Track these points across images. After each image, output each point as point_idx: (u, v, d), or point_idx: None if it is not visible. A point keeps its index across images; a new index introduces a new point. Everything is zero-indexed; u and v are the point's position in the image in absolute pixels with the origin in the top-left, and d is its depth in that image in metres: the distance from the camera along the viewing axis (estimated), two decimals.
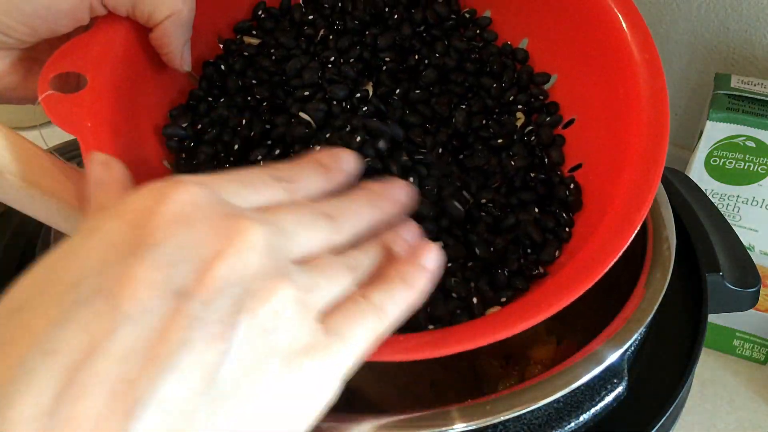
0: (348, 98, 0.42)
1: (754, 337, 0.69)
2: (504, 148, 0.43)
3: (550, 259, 0.39)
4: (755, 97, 0.60)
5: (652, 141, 0.39)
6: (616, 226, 0.37)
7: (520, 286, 0.38)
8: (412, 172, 0.40)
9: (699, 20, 0.73)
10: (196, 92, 0.44)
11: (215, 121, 0.42)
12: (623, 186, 0.38)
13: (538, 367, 0.55)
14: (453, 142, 0.43)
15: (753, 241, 0.64)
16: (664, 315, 0.43)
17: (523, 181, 0.42)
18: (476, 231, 0.40)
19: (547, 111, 0.45)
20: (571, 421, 0.37)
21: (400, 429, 0.34)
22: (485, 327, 0.34)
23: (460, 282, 0.38)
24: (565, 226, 0.40)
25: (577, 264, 0.37)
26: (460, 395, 0.53)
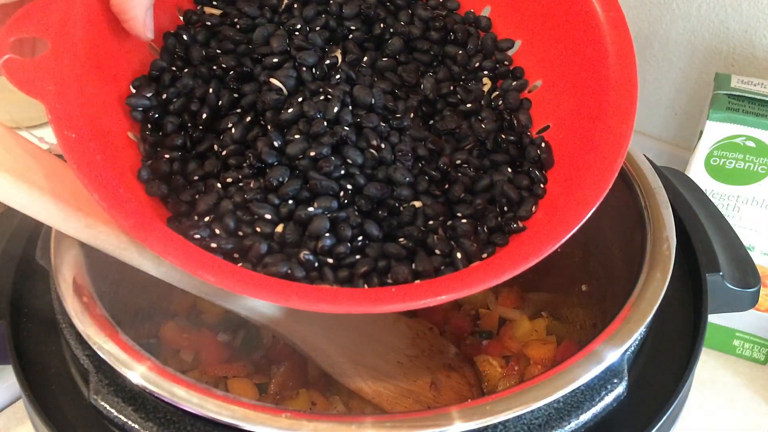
0: (317, 65, 0.42)
1: (754, 337, 0.69)
2: (473, 113, 0.45)
3: (527, 215, 0.40)
4: (755, 97, 0.60)
5: (622, 96, 0.40)
6: (593, 178, 0.38)
7: (500, 241, 0.39)
8: (386, 141, 0.41)
9: (699, 20, 0.73)
10: (158, 63, 0.43)
11: (180, 92, 0.42)
12: (595, 141, 0.40)
13: (538, 367, 0.55)
14: (423, 108, 0.44)
15: (753, 241, 0.64)
16: (664, 315, 0.43)
17: (494, 143, 0.43)
18: (454, 191, 0.41)
19: (513, 76, 0.46)
20: (571, 421, 0.37)
21: (400, 429, 0.34)
22: (474, 274, 0.36)
23: (443, 239, 0.39)
24: (539, 183, 0.42)
25: (557, 215, 0.38)
26: (460, 395, 0.53)
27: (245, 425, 0.34)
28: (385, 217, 0.40)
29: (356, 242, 0.38)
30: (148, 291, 0.53)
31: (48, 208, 0.37)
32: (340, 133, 0.39)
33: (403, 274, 0.37)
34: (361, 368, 0.49)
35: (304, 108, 0.40)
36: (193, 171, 0.40)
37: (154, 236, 0.34)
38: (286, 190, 0.38)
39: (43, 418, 0.38)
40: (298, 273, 0.36)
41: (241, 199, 0.38)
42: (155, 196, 0.39)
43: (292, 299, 0.34)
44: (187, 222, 0.38)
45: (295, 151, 0.39)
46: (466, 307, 0.62)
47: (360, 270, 0.37)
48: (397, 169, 0.40)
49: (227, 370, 0.55)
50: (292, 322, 0.48)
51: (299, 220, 0.38)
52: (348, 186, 0.39)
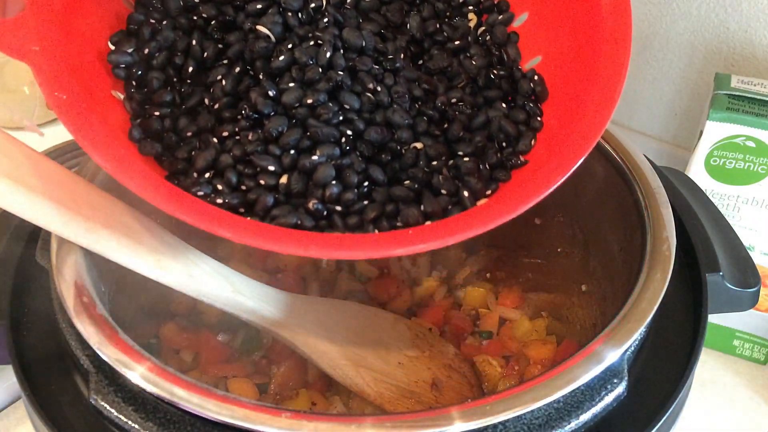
0: (302, 9, 0.41)
1: (754, 337, 0.69)
2: (461, 50, 0.44)
3: (526, 149, 0.40)
4: (755, 97, 0.60)
5: (616, 20, 0.40)
6: (593, 109, 0.37)
7: (503, 177, 0.39)
8: (381, 83, 0.40)
9: (699, 20, 0.73)
10: (135, 16, 0.42)
11: (162, 45, 0.41)
12: (592, 71, 0.39)
13: (538, 367, 0.55)
14: (410, 48, 0.44)
15: (753, 241, 0.64)
16: (664, 315, 0.43)
17: (486, 79, 0.43)
18: (453, 130, 0.41)
19: (498, 9, 0.46)
20: (571, 421, 0.37)
21: (400, 429, 0.34)
22: (486, 212, 0.36)
23: (448, 178, 0.39)
24: (536, 116, 0.41)
25: (559, 148, 0.38)
26: (460, 395, 0.53)
27: (245, 425, 0.34)
28: (388, 160, 0.39)
29: (362, 188, 0.38)
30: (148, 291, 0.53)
31: (47, 212, 0.37)
32: (335, 78, 0.39)
33: (414, 215, 0.37)
34: (363, 370, 0.49)
35: (295, 55, 0.39)
36: (186, 127, 0.39)
37: (162, 195, 0.34)
38: (287, 140, 0.37)
39: (43, 418, 0.38)
40: (307, 223, 0.36)
41: (241, 152, 0.38)
42: (149, 155, 0.38)
43: (311, 248, 0.33)
44: (186, 179, 0.37)
45: (291, 100, 0.38)
46: (466, 307, 0.62)
47: (370, 215, 0.37)
48: (395, 111, 0.40)
49: (227, 370, 0.54)
50: (293, 325, 0.48)
51: (303, 169, 0.37)
52: (348, 132, 0.38)
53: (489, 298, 0.61)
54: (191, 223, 0.33)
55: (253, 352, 0.56)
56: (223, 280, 0.44)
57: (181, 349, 0.56)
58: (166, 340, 0.55)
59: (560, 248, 0.58)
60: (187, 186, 0.37)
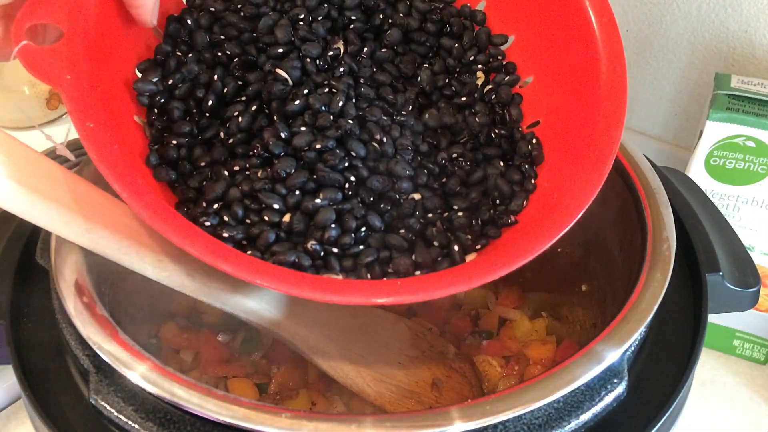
0: (321, 56, 0.43)
1: (754, 337, 0.69)
2: (467, 106, 0.46)
3: (518, 209, 0.42)
4: (755, 97, 0.60)
5: (612, 99, 0.41)
6: (583, 180, 0.39)
7: (493, 234, 0.41)
8: (388, 134, 0.42)
9: (699, 20, 0.73)
10: (162, 47, 0.44)
11: (186, 77, 0.43)
12: (586, 142, 0.41)
13: (538, 367, 0.55)
14: (419, 100, 0.45)
15: (753, 241, 0.64)
16: (664, 315, 0.43)
17: (487, 137, 0.45)
18: (451, 184, 0.42)
19: (506, 71, 0.47)
20: (571, 421, 0.37)
21: (400, 429, 0.34)
22: (475, 270, 0.38)
23: (441, 231, 0.40)
24: (530, 178, 0.43)
25: (549, 213, 0.39)
26: (460, 395, 0.53)
27: (245, 425, 0.34)
28: (387, 209, 0.41)
29: (359, 233, 0.39)
30: (148, 291, 0.53)
31: (48, 213, 0.37)
32: (345, 126, 0.40)
33: (405, 265, 0.38)
34: (363, 370, 0.49)
35: (309, 101, 0.41)
36: (200, 157, 0.41)
37: (172, 227, 0.35)
38: (294, 182, 0.39)
39: (43, 418, 0.38)
40: (305, 262, 0.37)
41: (249, 188, 0.39)
42: (163, 181, 0.40)
43: (306, 290, 0.35)
44: (195, 209, 0.39)
45: (301, 143, 0.40)
46: (466, 307, 0.62)
47: (364, 260, 0.38)
48: (398, 163, 0.41)
49: (227, 370, 0.55)
50: (293, 324, 0.48)
51: (306, 210, 0.39)
52: (351, 178, 0.40)
53: (489, 298, 0.61)
54: (196, 256, 0.34)
55: (253, 352, 0.56)
56: (222, 280, 0.44)
57: (181, 349, 0.56)
58: (166, 340, 0.55)
59: (560, 248, 0.58)
60: (195, 215, 0.38)
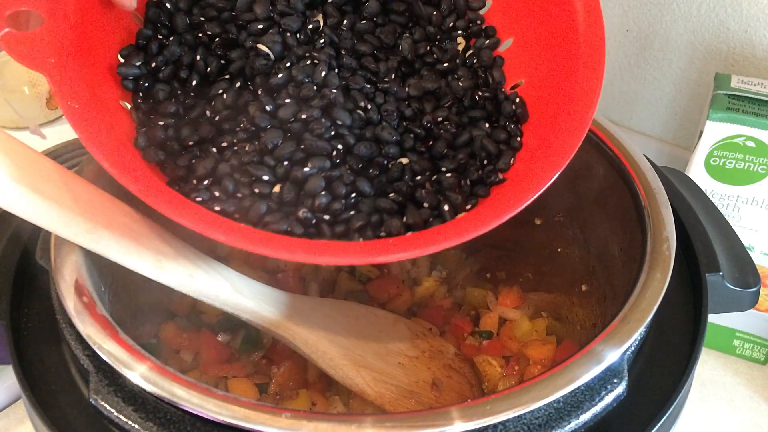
0: (301, 29, 0.44)
1: (754, 337, 0.69)
2: (449, 72, 0.46)
3: (506, 167, 0.42)
4: (755, 97, 0.60)
5: (591, 50, 0.42)
6: (568, 131, 0.40)
7: (482, 193, 0.41)
8: (372, 102, 0.42)
9: (699, 20, 0.73)
10: (144, 32, 0.44)
11: (169, 59, 0.43)
12: (568, 95, 0.41)
13: (538, 367, 0.55)
14: (402, 69, 0.46)
15: (753, 241, 0.64)
16: (664, 315, 0.43)
17: (471, 100, 0.45)
18: (438, 147, 0.43)
19: (486, 34, 0.48)
20: (571, 421, 0.37)
21: (400, 429, 0.34)
22: (462, 225, 0.38)
23: (430, 192, 0.41)
24: (516, 137, 0.43)
25: (535, 167, 0.40)
26: (460, 395, 0.53)
27: (245, 425, 0.34)
28: (376, 174, 0.41)
29: (350, 199, 0.40)
30: (148, 291, 0.53)
31: (48, 213, 0.37)
32: (329, 95, 0.41)
33: (396, 226, 0.39)
34: (363, 370, 0.49)
35: (292, 72, 0.42)
36: (188, 136, 0.41)
37: (163, 199, 0.35)
38: (281, 152, 0.40)
39: (43, 418, 0.38)
40: (297, 230, 0.38)
41: (238, 162, 0.40)
42: (152, 162, 0.40)
43: (298, 253, 0.35)
44: (186, 186, 0.39)
45: (287, 115, 0.40)
46: (466, 307, 0.62)
47: (355, 224, 0.39)
48: (384, 128, 0.42)
49: (227, 370, 0.55)
50: (293, 325, 0.48)
51: (295, 180, 0.39)
52: (339, 146, 0.41)
53: (489, 298, 0.61)
54: (188, 226, 0.34)
55: (253, 352, 0.56)
56: (223, 280, 0.44)
57: (181, 349, 0.56)
58: (166, 340, 0.55)
59: (560, 248, 0.58)
60: (186, 192, 0.39)
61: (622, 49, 0.80)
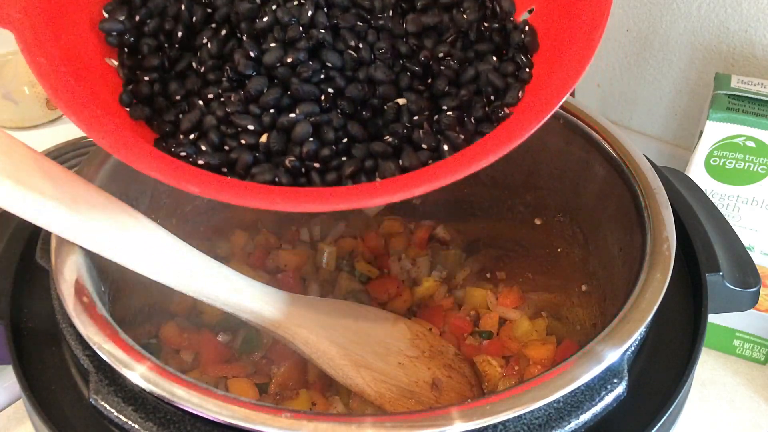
0: None
1: (754, 337, 0.69)
2: (454, 5, 0.43)
3: (514, 102, 0.39)
4: (755, 97, 0.60)
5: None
6: (574, 55, 0.37)
7: (488, 130, 0.38)
8: (364, 40, 0.40)
9: (699, 20, 0.73)
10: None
11: (153, 12, 0.42)
12: (576, 18, 0.39)
13: (538, 367, 0.55)
14: (401, 6, 0.43)
15: (753, 241, 0.64)
16: (664, 315, 0.43)
17: (477, 33, 0.42)
18: (438, 85, 0.40)
19: None
20: (571, 421, 0.37)
21: (400, 429, 0.34)
22: (456, 160, 0.35)
23: (429, 133, 0.38)
24: (525, 68, 0.41)
25: (541, 96, 0.37)
26: (460, 395, 0.53)
27: (245, 425, 0.34)
28: (369, 117, 0.39)
29: (341, 144, 0.38)
30: (148, 291, 0.53)
31: (47, 213, 0.37)
32: (316, 36, 0.39)
33: (390, 170, 0.37)
34: (363, 370, 0.49)
35: (277, 14, 0.40)
36: (175, 91, 0.40)
37: (134, 153, 0.34)
38: (267, 99, 0.38)
39: (43, 418, 0.38)
40: (284, 179, 0.36)
41: (223, 113, 0.38)
42: (139, 119, 0.39)
43: (277, 201, 0.34)
44: (172, 141, 0.38)
45: (271, 60, 0.38)
46: (466, 307, 0.62)
47: (347, 171, 0.37)
48: (377, 68, 0.40)
49: (227, 370, 0.54)
50: (293, 325, 0.48)
51: (282, 127, 0.37)
52: (329, 90, 0.38)
53: (489, 298, 0.61)
54: (159, 178, 0.33)
55: (253, 352, 0.56)
56: (223, 280, 0.44)
57: (181, 349, 0.56)
58: (166, 340, 0.55)
59: (560, 248, 0.58)
60: (172, 146, 0.37)
61: (622, 49, 0.80)
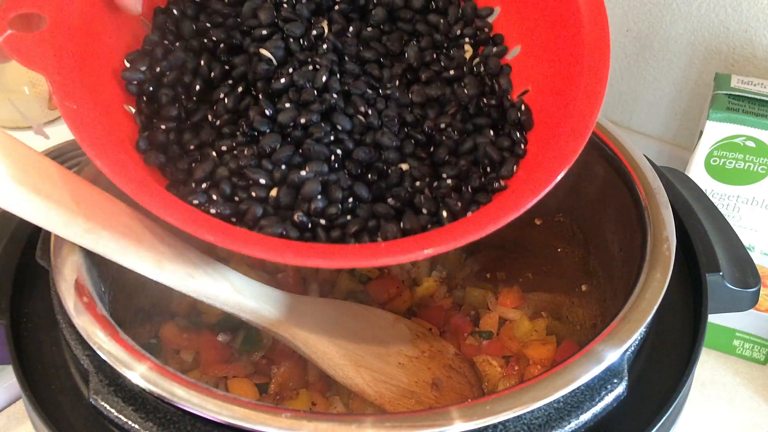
0: (304, 36, 0.44)
1: (754, 337, 0.69)
2: (455, 80, 0.46)
3: (509, 175, 0.42)
4: (755, 97, 0.60)
5: (595, 57, 0.42)
6: (569, 137, 0.39)
7: (484, 200, 0.41)
8: (373, 107, 0.42)
9: (699, 20, 0.73)
10: (150, 37, 0.44)
11: (173, 64, 0.43)
12: (571, 102, 0.41)
13: (538, 367, 0.55)
14: (407, 76, 0.46)
15: (753, 241, 0.64)
16: (664, 315, 0.43)
17: (476, 107, 0.45)
18: (439, 154, 0.43)
19: (493, 42, 0.48)
20: (571, 421, 0.37)
21: (400, 429, 0.34)
22: (456, 229, 0.38)
23: (429, 198, 0.41)
24: (520, 144, 0.43)
25: (535, 173, 0.39)
26: (460, 395, 0.53)
27: (245, 425, 0.34)
28: (375, 179, 0.41)
29: (347, 204, 0.40)
30: (148, 291, 0.53)
31: (48, 213, 0.37)
32: (329, 100, 0.41)
33: (392, 231, 0.39)
34: (363, 370, 0.49)
35: (294, 77, 0.42)
36: (189, 140, 0.42)
37: (156, 200, 0.35)
38: (279, 156, 0.40)
39: (43, 418, 0.38)
40: (292, 234, 0.38)
41: (236, 166, 0.40)
42: (153, 166, 0.40)
43: (288, 255, 0.35)
44: (184, 189, 0.39)
45: (286, 119, 0.40)
46: (466, 307, 0.62)
47: (351, 229, 0.38)
48: (384, 134, 0.42)
49: (227, 370, 0.55)
50: (293, 325, 0.48)
51: (292, 183, 0.39)
52: (338, 151, 0.40)
53: (489, 298, 0.61)
54: (177, 225, 0.34)
55: (253, 352, 0.56)
56: (223, 280, 0.44)
57: (181, 349, 0.56)
58: (166, 340, 0.55)
59: (560, 248, 0.58)
60: (184, 194, 0.39)
61: (622, 49, 0.80)
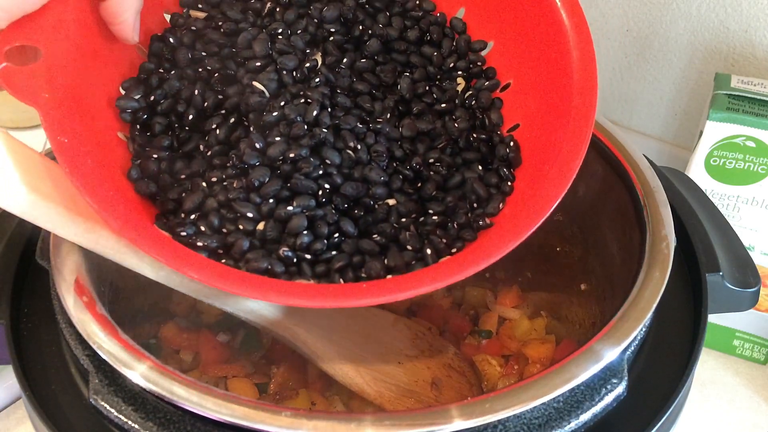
0: (298, 68, 0.44)
1: (754, 337, 0.69)
2: (447, 112, 0.46)
3: (495, 212, 0.42)
4: (755, 97, 0.60)
5: (583, 99, 0.42)
6: (555, 177, 0.40)
7: (469, 237, 0.41)
8: (362, 142, 0.42)
9: (699, 20, 0.73)
10: (146, 65, 0.44)
11: (168, 93, 0.43)
12: (559, 141, 0.41)
13: (537, 366, 0.55)
14: (398, 107, 0.46)
15: (753, 241, 0.64)
16: (664, 315, 0.43)
17: (466, 141, 0.45)
18: (426, 189, 0.43)
19: (486, 76, 0.48)
20: (571, 421, 0.37)
21: (400, 427, 0.34)
22: (441, 270, 0.38)
23: (414, 235, 0.41)
24: (507, 181, 0.43)
25: (521, 212, 0.40)
26: (460, 394, 0.53)
27: (245, 424, 0.34)
28: (361, 214, 0.41)
29: (333, 239, 0.40)
30: (148, 291, 0.53)
31: (47, 213, 0.37)
32: (319, 135, 0.41)
33: (376, 269, 0.39)
34: (363, 369, 0.49)
35: (285, 111, 0.42)
36: (180, 170, 0.42)
37: (142, 237, 0.35)
38: (267, 190, 0.40)
39: (43, 418, 0.38)
40: (277, 268, 0.38)
41: (224, 198, 0.40)
42: (144, 195, 0.40)
43: (270, 295, 0.36)
44: (174, 219, 0.39)
45: (275, 153, 0.40)
46: (465, 307, 0.62)
47: (336, 265, 0.39)
48: (372, 169, 0.42)
49: (227, 370, 0.55)
50: (293, 325, 0.48)
51: (279, 218, 0.39)
52: (326, 185, 0.40)
53: (488, 298, 0.61)
54: (163, 263, 0.35)
55: (253, 352, 0.56)
56: None
57: (181, 349, 0.56)
58: (166, 340, 0.55)
59: (559, 247, 0.58)
60: (174, 225, 0.39)
61: (622, 49, 0.80)
